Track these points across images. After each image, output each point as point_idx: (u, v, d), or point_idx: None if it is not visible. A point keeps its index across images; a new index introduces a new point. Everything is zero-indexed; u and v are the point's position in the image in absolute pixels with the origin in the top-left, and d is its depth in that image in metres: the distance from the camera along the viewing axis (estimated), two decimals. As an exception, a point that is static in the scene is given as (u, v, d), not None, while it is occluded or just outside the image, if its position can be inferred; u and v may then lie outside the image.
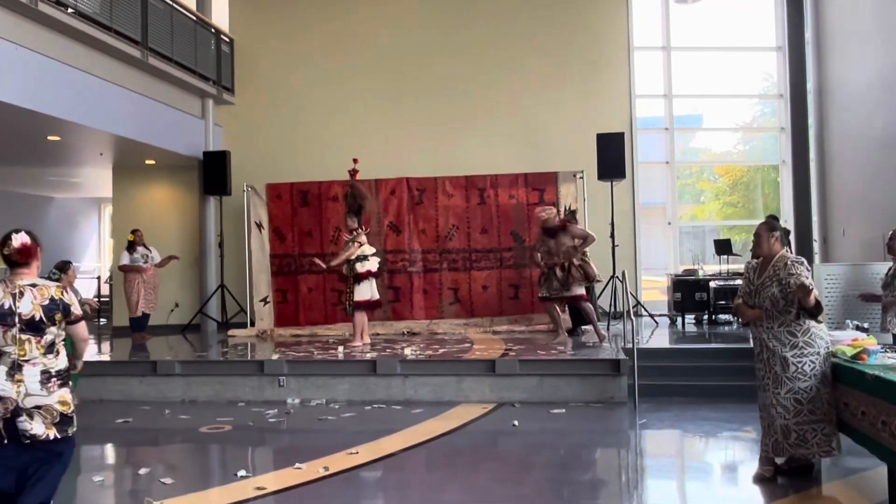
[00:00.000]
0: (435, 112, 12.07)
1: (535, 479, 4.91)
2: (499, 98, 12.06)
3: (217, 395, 7.46)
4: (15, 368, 3.34)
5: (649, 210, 12.75)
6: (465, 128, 12.00)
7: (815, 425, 4.48)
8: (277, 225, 10.91)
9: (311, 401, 7.27)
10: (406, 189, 10.80)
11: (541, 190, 10.66)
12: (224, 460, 5.68)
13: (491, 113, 12.02)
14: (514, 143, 11.90)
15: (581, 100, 11.99)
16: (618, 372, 6.95)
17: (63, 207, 16.59)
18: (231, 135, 12.33)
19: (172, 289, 11.96)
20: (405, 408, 6.93)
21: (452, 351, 8.11)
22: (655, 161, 12.71)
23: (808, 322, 4.49)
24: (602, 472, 5.30)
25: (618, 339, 8.56)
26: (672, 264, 12.39)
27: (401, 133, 12.09)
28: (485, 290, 10.62)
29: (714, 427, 6.07)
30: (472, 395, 7.12)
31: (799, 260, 4.56)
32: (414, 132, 12.06)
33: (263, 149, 12.17)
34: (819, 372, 4.48)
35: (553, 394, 7.01)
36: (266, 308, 10.83)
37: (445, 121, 12.03)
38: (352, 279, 8.61)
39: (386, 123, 12.13)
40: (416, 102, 12.13)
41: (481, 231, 10.69)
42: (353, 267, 8.62)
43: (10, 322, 3.35)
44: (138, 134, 10.05)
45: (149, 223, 11.87)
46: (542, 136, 11.90)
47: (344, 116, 12.16)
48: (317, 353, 8.22)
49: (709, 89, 12.89)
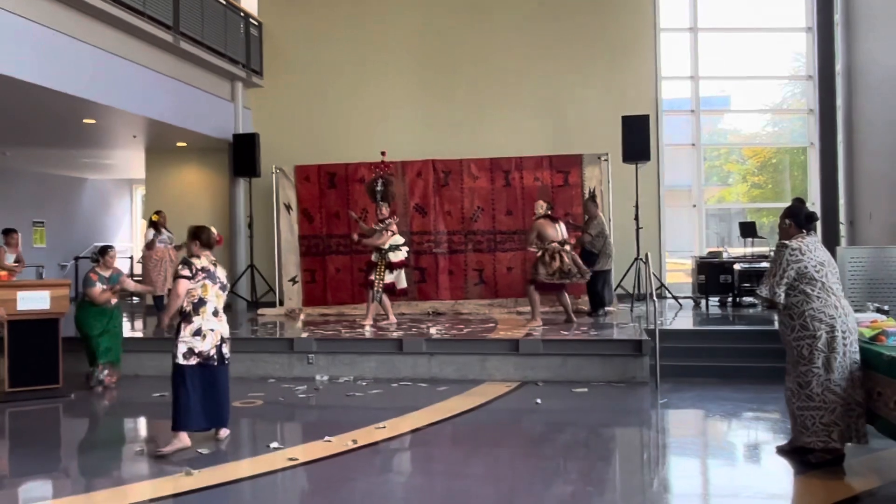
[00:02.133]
0: (461, 94, 12.12)
1: (557, 455, 5.04)
2: (524, 80, 12.06)
3: (248, 371, 7.67)
4: (217, 313, 5.27)
5: (674, 192, 12.72)
6: (491, 110, 12.04)
7: (812, 412, 4.42)
8: (306, 206, 11.08)
9: (339, 378, 7.45)
10: (432, 171, 10.89)
11: (565, 172, 10.69)
12: (256, 433, 5.88)
13: (516, 95, 12.04)
14: (540, 125, 11.91)
15: (606, 82, 11.96)
16: (640, 352, 7.04)
17: (96, 189, 16.92)
18: (260, 117, 12.49)
19: (203, 269, 12.20)
20: (430, 385, 7.08)
21: (477, 330, 8.25)
22: (681, 143, 12.65)
23: (805, 305, 4.42)
24: (623, 450, 5.41)
25: (641, 321, 8.62)
26: (697, 247, 12.37)
27: (427, 114, 12.15)
28: (509, 272, 10.72)
29: (735, 407, 6.14)
30: (496, 374, 7.25)
31: (781, 245, 4.55)
32: (440, 114, 12.12)
33: (291, 131, 12.31)
34: (818, 357, 4.38)
35: (576, 373, 7.12)
36: (295, 288, 11.03)
37: (471, 102, 12.07)
38: (383, 266, 8.78)
39: (412, 105, 12.20)
40: (443, 84, 12.18)
41: (506, 213, 10.77)
42: (385, 255, 8.78)
43: (214, 281, 5.25)
44: (170, 117, 10.25)
45: (180, 204, 12.12)
46: (567, 118, 11.90)
47: (371, 99, 12.25)
48: (344, 331, 8.40)
49: (736, 71, 12.76)
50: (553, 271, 8.32)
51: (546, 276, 8.35)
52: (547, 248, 8.38)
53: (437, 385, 7.08)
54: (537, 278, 8.43)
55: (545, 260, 8.35)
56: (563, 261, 8.35)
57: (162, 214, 10.48)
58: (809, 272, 4.44)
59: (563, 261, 8.35)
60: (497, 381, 7.16)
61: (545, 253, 8.38)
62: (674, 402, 6.42)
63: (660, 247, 11.84)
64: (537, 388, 6.93)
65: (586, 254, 9.18)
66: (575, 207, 10.64)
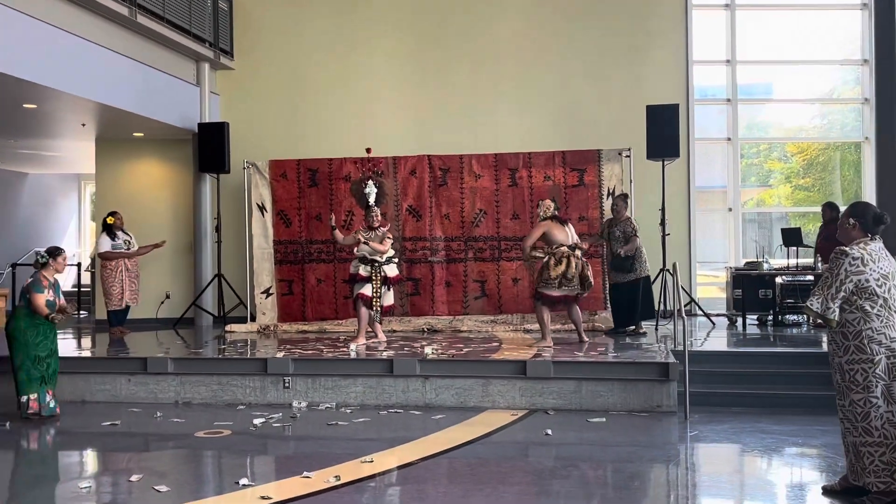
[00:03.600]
0: (461, 81, 12.15)
1: (570, 495, 5.06)
2: (534, 63, 12.10)
3: (214, 396, 7.69)
4: None
5: (707, 194, 12.75)
6: (496, 98, 12.07)
7: (871, 448, 4.43)
8: (282, 207, 11.12)
9: (319, 404, 7.47)
10: (427, 168, 10.95)
11: (581, 170, 10.75)
12: (223, 468, 5.89)
13: (525, 81, 12.08)
14: (551, 116, 11.95)
15: (629, 66, 12.01)
16: (666, 377, 7.07)
17: (38, 185, 16.92)
18: (230, 104, 12.52)
19: (163, 278, 12.22)
20: (425, 413, 7.10)
21: (478, 350, 8.27)
22: (715, 138, 12.70)
23: (862, 324, 4.41)
24: (647, 490, 5.41)
25: (667, 341, 8.65)
26: (732, 257, 12.40)
27: (422, 104, 12.19)
28: (515, 284, 10.75)
29: (777, 441, 6.16)
30: (500, 401, 7.28)
31: (840, 252, 4.48)
32: (437, 103, 12.15)
33: (266, 120, 12.35)
34: (875, 385, 4.38)
35: (592, 400, 7.15)
36: (269, 301, 11.06)
37: (473, 90, 12.11)
38: (379, 282, 8.82)
39: (406, 93, 12.24)
40: (440, 70, 12.22)
41: (512, 216, 10.82)
42: (380, 269, 8.81)
43: None
44: (125, 102, 10.27)
45: (136, 204, 12.13)
46: (583, 107, 11.92)
47: (359, 84, 12.29)
48: (326, 351, 8.41)
49: (780, 54, 12.83)
50: (556, 276, 8.30)
51: (550, 284, 8.35)
52: (555, 252, 8.37)
53: (432, 413, 7.10)
54: (543, 291, 8.44)
55: (550, 264, 8.36)
56: (570, 267, 8.32)
57: (118, 216, 10.52)
58: (871, 286, 4.41)
59: (569, 266, 8.32)
60: (501, 409, 7.19)
61: (552, 257, 8.38)
62: (705, 434, 6.44)
63: (689, 256, 11.87)
64: (547, 417, 6.96)
65: (620, 261, 9.22)
66: (591, 211, 10.70)
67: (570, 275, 8.33)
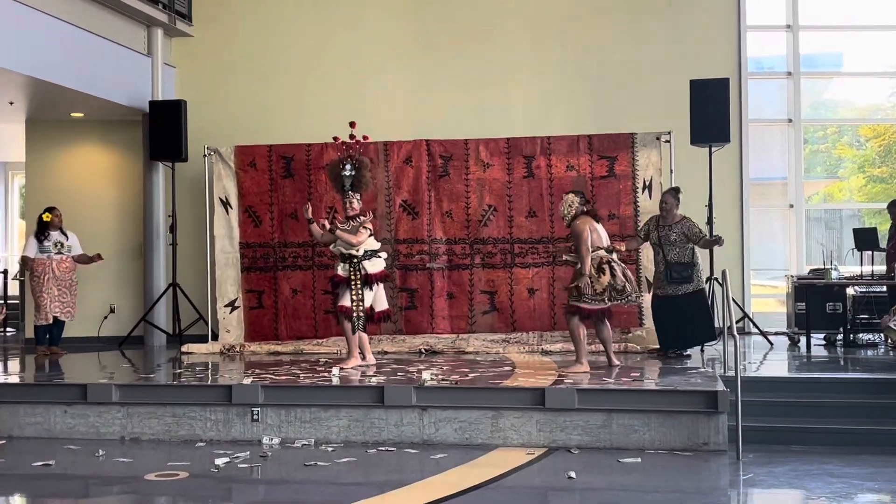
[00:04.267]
0: (466, 51, 12.14)
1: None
2: (553, 31, 12.10)
3: (168, 431, 7.64)
4: None
5: (763, 187, 12.75)
6: (508, 73, 12.06)
7: None
8: (251, 203, 11.11)
9: (294, 441, 7.41)
10: (426, 156, 10.94)
11: (611, 158, 10.73)
12: (178, 518, 5.87)
13: (542, 52, 12.07)
14: (575, 92, 11.94)
15: (669, 32, 12.01)
16: (715, 409, 7.01)
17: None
18: (188, 78, 12.52)
19: (106, 288, 12.22)
20: (422, 451, 7.05)
21: (487, 376, 8.23)
22: (773, 119, 12.70)
23: None
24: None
25: (715, 364, 8.60)
26: (794, 263, 12.39)
27: (419, 79, 12.19)
28: (532, 295, 10.74)
29: (848, 487, 6.11)
30: (514, 437, 7.23)
31: None
32: (437, 77, 12.15)
33: (232, 98, 12.33)
34: None
35: (624, 437, 7.11)
36: (234, 315, 11.04)
37: (480, 62, 12.09)
38: (358, 281, 8.77)
39: (400, 65, 12.23)
40: (441, 38, 12.22)
41: (528, 214, 10.81)
42: (359, 265, 8.78)
43: None
44: (62, 76, 10.26)
45: (74, 198, 12.10)
46: (613, 82, 11.92)
47: (344, 55, 12.28)
48: (303, 376, 8.37)
49: (852, 18, 12.83)
50: (602, 288, 8.29)
51: (593, 298, 8.32)
52: (592, 258, 8.33)
53: (431, 451, 7.05)
54: (583, 304, 8.40)
55: (590, 274, 8.34)
56: (615, 274, 8.32)
57: (56, 213, 10.52)
58: None
59: (614, 274, 8.31)
60: (514, 447, 7.14)
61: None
62: (761, 478, 6.40)
63: (742, 262, 11.86)
64: (570, 456, 6.91)
65: (677, 267, 9.19)
66: (623, 207, 10.69)
67: (619, 284, 8.31)
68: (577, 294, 8.38)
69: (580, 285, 8.33)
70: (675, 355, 9.36)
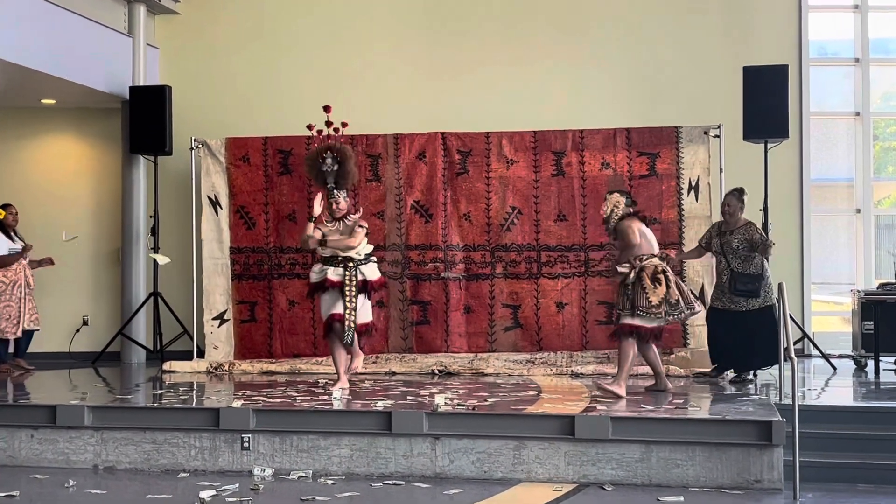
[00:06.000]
0: (489, 33, 12.15)
1: None
2: (588, 12, 12.12)
3: (147, 459, 7.60)
4: None
5: (826, 189, 12.71)
6: (536, 57, 12.05)
7: None
8: (243, 202, 11.11)
9: (290, 472, 7.37)
10: (441, 150, 10.92)
11: (652, 155, 10.69)
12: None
13: (575, 35, 12.07)
14: (611, 81, 11.95)
15: (719, 13, 12.00)
16: (769, 441, 6.95)
17: None
18: (173, 62, 12.56)
19: (79, 298, 12.24)
20: (434, 486, 7.01)
21: (509, 401, 8.20)
22: (839, 112, 12.66)
23: None
24: None
25: (770, 391, 8.56)
26: (861, 276, 12.33)
27: (435, 64, 12.20)
28: (560, 310, 10.70)
29: (923, 532, 6.08)
30: (539, 470, 7.18)
31: None
32: (455, 63, 12.15)
33: (223, 84, 12.37)
34: None
35: (665, 472, 7.04)
36: (223, 329, 11.03)
37: (504, 47, 12.10)
38: (353, 288, 8.70)
39: (413, 49, 12.26)
40: (460, 18, 12.23)
41: (556, 217, 10.77)
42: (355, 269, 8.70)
43: None
44: (31, 58, 10.26)
45: (44, 195, 12.18)
46: (655, 70, 11.93)
47: (348, 38, 12.29)
48: (300, 399, 8.35)
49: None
50: (659, 301, 8.21)
51: (649, 313, 8.24)
52: (645, 266, 8.27)
53: (444, 486, 7.01)
54: (638, 321, 8.30)
55: (644, 285, 8.25)
56: (671, 286, 8.26)
57: (11, 210, 10.50)
58: None
59: (669, 286, 8.25)
60: (540, 482, 7.09)
61: (642, 273, 8.27)
62: (824, 521, 6.35)
63: (801, 275, 11.84)
64: (603, 494, 6.87)
65: (743, 279, 9.10)
66: (666, 211, 10.65)
67: (674, 298, 8.24)
68: (631, 309, 8.30)
69: (633, 298, 8.24)
70: (739, 379, 9.27)
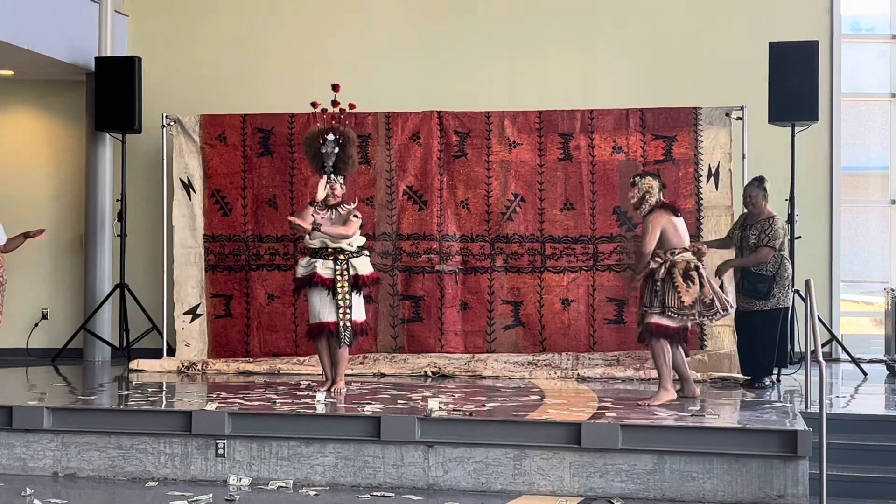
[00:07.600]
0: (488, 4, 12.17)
1: None
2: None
3: (112, 466, 7.61)
4: None
5: (859, 178, 12.73)
6: (541, 31, 12.06)
7: None
8: (219, 185, 11.13)
9: (268, 482, 7.39)
10: (437, 131, 10.93)
11: (668, 138, 10.71)
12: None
13: (584, 8, 12.07)
14: (624, 57, 11.97)
15: (743, -16, 12.04)
16: (794, 453, 6.97)
17: None
18: (143, 30, 12.53)
19: (37, 289, 12.26)
20: (427, 498, 7.03)
21: (509, 406, 8.23)
22: (873, 93, 12.67)
23: None
24: None
25: (794, 398, 8.58)
26: (895, 274, 12.39)
27: (430, 36, 12.22)
28: (566, 307, 10.74)
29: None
30: (542, 482, 7.21)
31: None
32: (453, 36, 12.17)
33: (198, 56, 12.38)
34: None
35: (679, 485, 7.07)
36: (195, 325, 11.06)
37: (507, 18, 12.12)
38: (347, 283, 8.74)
39: (405, 20, 12.27)
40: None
41: (563, 206, 10.80)
42: (347, 262, 8.74)
43: None
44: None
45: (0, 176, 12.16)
46: (672, 45, 11.93)
47: (333, 4, 12.29)
48: (279, 401, 8.38)
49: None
50: (693, 301, 8.20)
51: (681, 314, 8.24)
52: (676, 262, 8.26)
53: (438, 498, 7.04)
54: (669, 321, 8.31)
55: (675, 283, 8.26)
56: (704, 284, 8.24)
57: None
58: None
59: (702, 284, 8.23)
60: (542, 495, 7.12)
61: (673, 269, 8.27)
62: (851, 540, 6.41)
63: (830, 272, 11.86)
64: (613, 508, 6.92)
65: (751, 278, 9.17)
66: (683, 199, 10.63)
67: (708, 298, 8.23)
68: (661, 308, 8.31)
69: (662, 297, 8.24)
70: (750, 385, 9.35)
